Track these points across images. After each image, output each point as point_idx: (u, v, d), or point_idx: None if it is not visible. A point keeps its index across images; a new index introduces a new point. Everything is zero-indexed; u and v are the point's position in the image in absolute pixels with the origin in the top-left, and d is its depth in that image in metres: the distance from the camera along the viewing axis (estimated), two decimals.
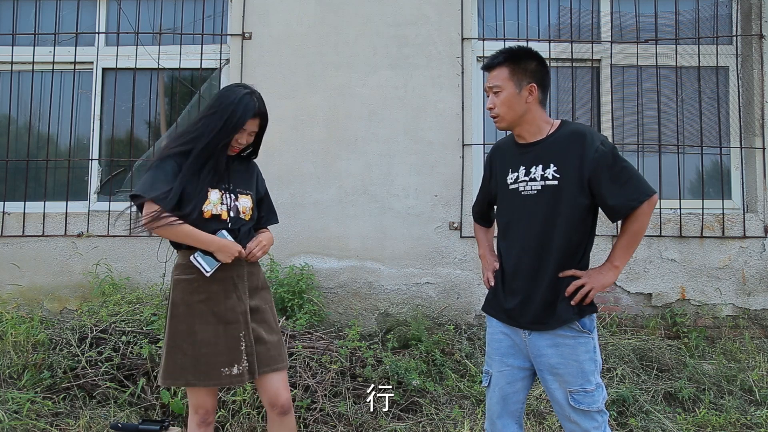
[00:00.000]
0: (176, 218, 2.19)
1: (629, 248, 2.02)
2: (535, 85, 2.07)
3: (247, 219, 2.36)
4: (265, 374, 2.31)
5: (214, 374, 2.22)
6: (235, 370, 2.24)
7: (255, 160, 2.52)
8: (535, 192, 2.05)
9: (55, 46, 4.51)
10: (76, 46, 4.51)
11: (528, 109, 2.07)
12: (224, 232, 2.26)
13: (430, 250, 4.30)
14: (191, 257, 2.25)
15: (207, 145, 2.23)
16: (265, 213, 2.51)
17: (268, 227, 2.52)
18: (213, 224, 2.26)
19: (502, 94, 2.07)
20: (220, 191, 2.29)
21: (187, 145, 2.26)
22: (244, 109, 2.25)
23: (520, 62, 2.08)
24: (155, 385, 3.40)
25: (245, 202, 2.35)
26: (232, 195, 2.32)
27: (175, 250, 2.37)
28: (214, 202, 2.27)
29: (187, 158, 2.24)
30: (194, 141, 2.25)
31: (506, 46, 2.16)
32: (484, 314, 2.27)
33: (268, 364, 2.31)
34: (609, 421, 2.18)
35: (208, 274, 2.24)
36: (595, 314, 2.08)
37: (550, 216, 2.02)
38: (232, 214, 2.30)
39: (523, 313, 2.06)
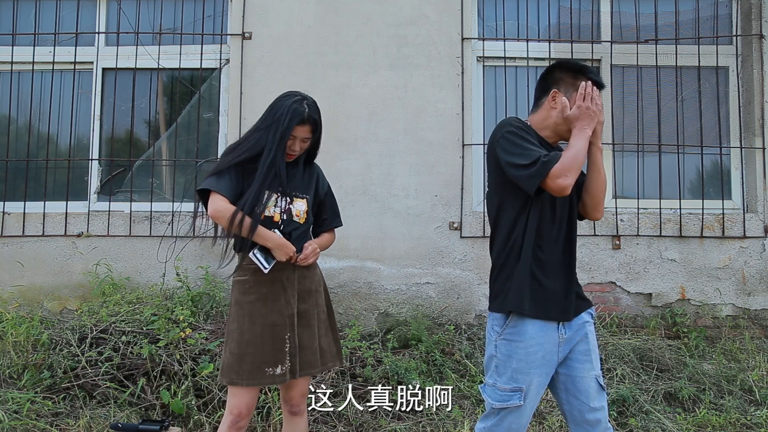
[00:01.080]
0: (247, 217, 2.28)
1: None
2: None
3: (302, 222, 2.41)
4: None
5: (258, 374, 2.27)
6: (278, 370, 2.28)
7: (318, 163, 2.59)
8: None
9: (55, 46, 4.51)
10: (76, 46, 4.51)
11: None
12: (277, 231, 2.32)
13: (430, 250, 4.30)
14: (250, 254, 2.31)
15: (267, 157, 2.29)
16: (327, 215, 2.58)
17: (332, 229, 2.60)
18: (265, 226, 2.31)
19: None
20: (276, 194, 2.34)
21: (245, 154, 2.33)
22: (291, 116, 2.30)
23: None
24: (155, 385, 3.41)
25: (300, 206, 2.40)
26: (287, 198, 2.37)
27: (235, 253, 2.43)
28: (268, 204, 2.32)
29: (245, 166, 2.32)
30: (250, 151, 2.32)
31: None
32: (515, 324, 2.06)
33: (302, 368, 2.35)
34: (609, 420, 2.18)
35: (266, 271, 2.29)
36: None
37: (574, 210, 2.18)
38: (284, 217, 2.35)
39: (570, 305, 2.10)
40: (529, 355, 2.04)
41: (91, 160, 4.48)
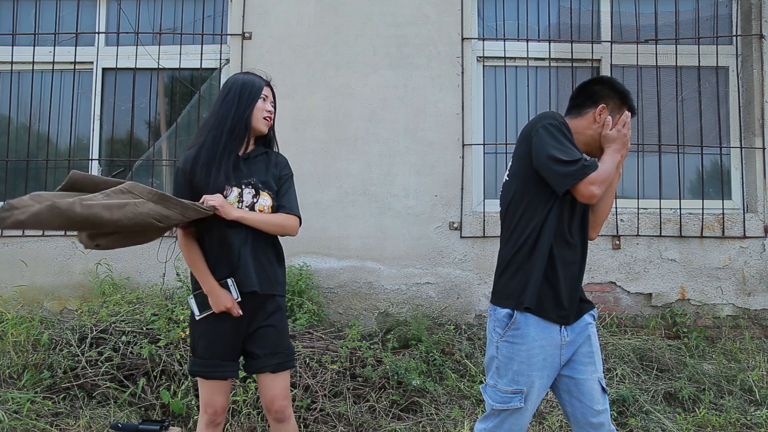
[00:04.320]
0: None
1: None
2: None
3: None
4: (262, 374, 2.30)
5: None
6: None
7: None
8: None
9: (55, 46, 4.51)
10: (76, 46, 4.52)
11: None
12: (230, 281, 2.21)
13: (430, 250, 4.30)
14: (189, 297, 2.29)
15: (231, 128, 2.24)
16: (284, 203, 2.34)
17: (291, 214, 2.35)
18: (233, 227, 2.21)
19: None
20: (239, 188, 2.25)
21: (201, 138, 2.27)
22: (252, 78, 2.31)
23: None
24: (155, 385, 3.40)
25: (264, 201, 2.29)
26: (252, 191, 2.26)
27: None
28: (231, 201, 2.23)
29: (204, 149, 2.24)
30: (213, 129, 2.25)
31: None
32: (518, 325, 2.04)
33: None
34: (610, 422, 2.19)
35: (197, 318, 2.26)
36: None
37: (587, 219, 2.17)
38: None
39: (572, 309, 2.09)
40: (531, 357, 2.03)
41: (91, 160, 4.48)
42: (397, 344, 3.89)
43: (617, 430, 3.25)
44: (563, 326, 2.07)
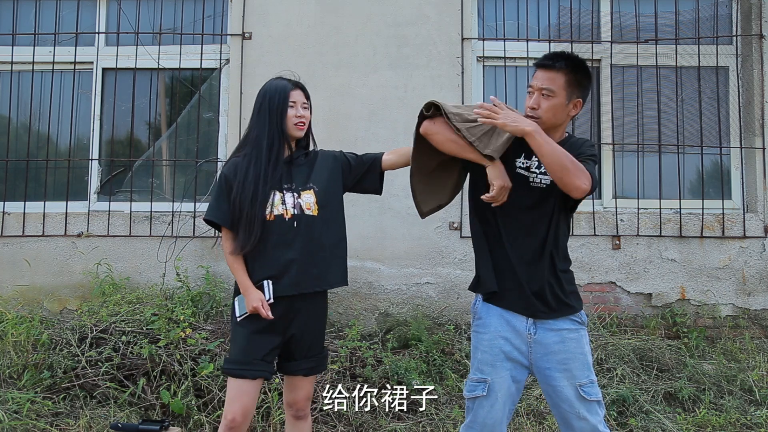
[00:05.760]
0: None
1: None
2: (581, 100, 2.12)
3: (315, 214, 2.35)
4: (293, 375, 2.38)
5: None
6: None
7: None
8: (545, 186, 2.09)
9: (55, 46, 4.51)
10: (76, 46, 4.51)
11: (565, 121, 2.13)
12: (266, 282, 2.26)
13: (430, 250, 4.30)
14: (235, 298, 2.32)
15: (269, 139, 2.31)
16: (367, 160, 2.71)
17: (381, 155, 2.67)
18: (279, 226, 2.28)
19: (552, 100, 2.07)
20: (281, 192, 2.31)
21: (245, 149, 2.36)
22: (279, 85, 2.37)
23: (578, 74, 2.09)
24: (155, 385, 3.40)
25: (308, 198, 2.36)
26: (294, 194, 2.34)
27: None
28: (275, 203, 2.30)
29: (247, 162, 2.32)
30: (253, 141, 2.33)
31: (566, 52, 2.14)
32: (481, 315, 2.12)
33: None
34: (609, 421, 2.18)
35: (237, 319, 2.29)
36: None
37: (554, 210, 2.10)
38: (295, 212, 2.31)
39: (533, 302, 2.07)
40: (493, 347, 2.06)
41: (91, 160, 4.48)
42: (397, 344, 3.89)
43: (617, 430, 3.25)
44: (530, 319, 2.07)
